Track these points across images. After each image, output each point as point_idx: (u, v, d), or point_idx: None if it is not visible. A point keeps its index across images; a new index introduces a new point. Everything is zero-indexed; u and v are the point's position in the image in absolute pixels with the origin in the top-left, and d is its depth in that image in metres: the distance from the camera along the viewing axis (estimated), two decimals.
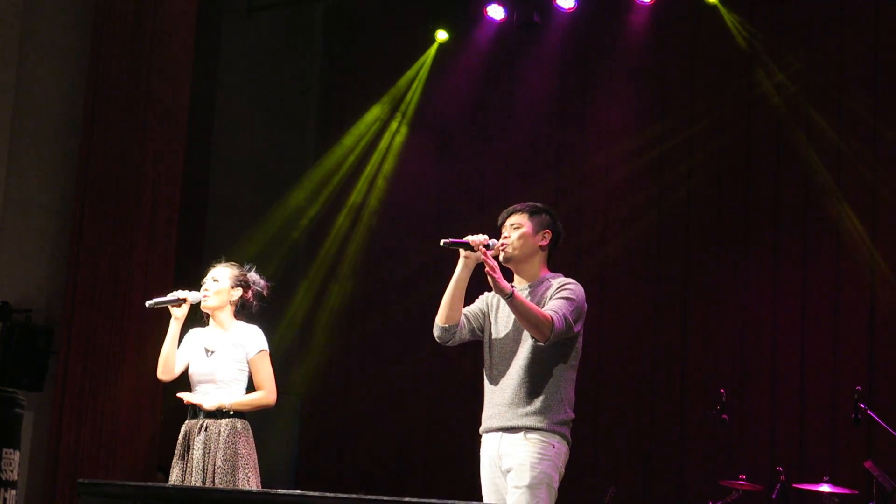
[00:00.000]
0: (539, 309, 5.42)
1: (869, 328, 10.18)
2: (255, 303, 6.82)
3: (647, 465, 10.10)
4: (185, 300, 6.65)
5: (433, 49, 12.69)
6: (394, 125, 12.85)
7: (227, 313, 6.72)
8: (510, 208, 5.80)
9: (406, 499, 3.69)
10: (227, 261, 6.85)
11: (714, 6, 11.13)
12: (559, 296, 5.55)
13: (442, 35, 12.56)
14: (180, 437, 6.63)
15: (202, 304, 6.69)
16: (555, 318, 5.40)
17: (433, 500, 3.68)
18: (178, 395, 6.68)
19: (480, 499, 5.64)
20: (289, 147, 13.37)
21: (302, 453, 12.91)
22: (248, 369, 6.66)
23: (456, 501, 3.78)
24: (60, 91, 10.56)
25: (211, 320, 6.75)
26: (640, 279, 11.28)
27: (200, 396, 6.61)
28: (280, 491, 3.81)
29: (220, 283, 6.70)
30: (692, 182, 11.23)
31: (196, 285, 6.80)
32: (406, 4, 12.98)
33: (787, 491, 8.86)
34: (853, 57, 10.65)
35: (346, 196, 12.90)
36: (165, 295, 6.71)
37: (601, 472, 10.66)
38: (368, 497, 3.72)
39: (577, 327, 5.54)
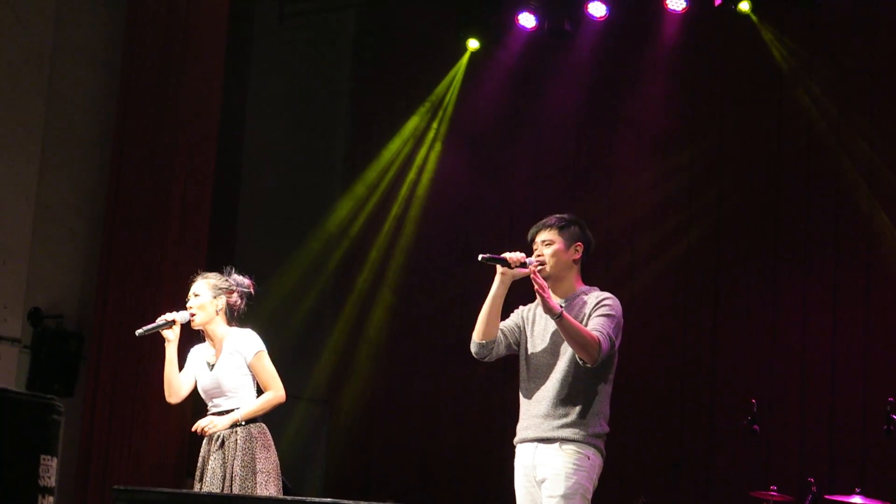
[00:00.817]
0: (587, 330, 5.46)
1: None
2: (243, 304, 6.84)
3: (676, 476, 10.07)
4: (174, 321, 6.68)
5: (465, 58, 12.68)
6: (430, 136, 12.84)
7: (217, 324, 6.74)
8: (539, 224, 5.83)
9: None
10: (204, 272, 6.88)
11: (747, 15, 11.08)
12: (599, 313, 5.58)
13: (473, 44, 12.53)
14: (201, 455, 6.64)
15: (192, 323, 6.72)
16: (601, 339, 5.45)
17: None
18: (193, 429, 6.70)
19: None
20: (319, 153, 13.39)
21: (331, 463, 12.91)
22: (251, 373, 6.68)
23: None
24: (92, 96, 10.60)
25: (206, 335, 6.78)
26: (671, 290, 11.24)
27: (215, 418, 6.61)
28: (311, 499, 3.80)
29: (202, 297, 6.72)
30: (723, 190, 11.20)
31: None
32: (436, 12, 12.97)
33: (819, 502, 8.80)
34: (886, 70, 10.59)
35: (386, 211, 12.87)
36: (154, 321, 6.76)
37: (631, 482, 10.63)
38: None
39: (618, 343, 5.58)
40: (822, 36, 10.95)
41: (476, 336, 5.75)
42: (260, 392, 6.73)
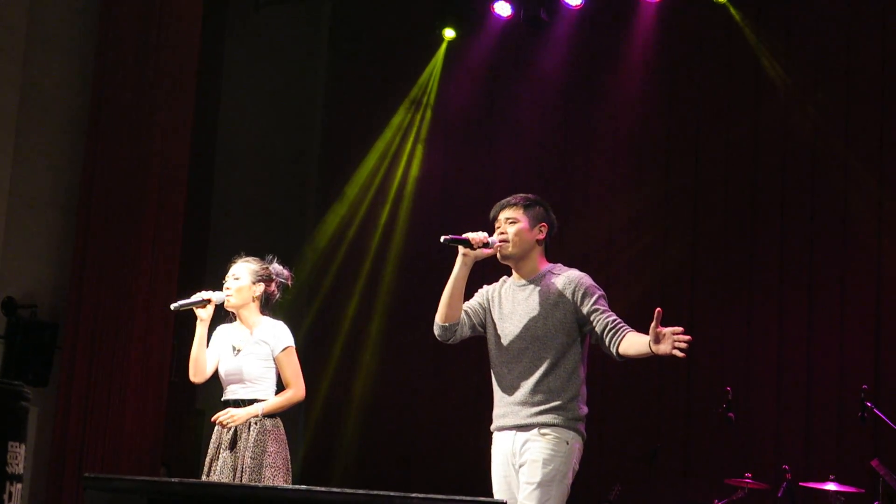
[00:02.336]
0: (637, 345, 5.41)
1: (875, 327, 10.17)
2: (279, 295, 6.81)
3: (652, 463, 10.09)
4: (209, 301, 6.61)
5: (443, 48, 12.67)
6: (413, 129, 12.82)
7: (251, 310, 6.69)
8: (502, 202, 5.75)
9: (413, 495, 3.67)
10: (246, 255, 6.82)
11: (723, 5, 11.10)
12: (593, 303, 5.54)
13: (450, 33, 12.53)
14: (213, 440, 6.61)
15: (226, 304, 6.66)
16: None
17: (440, 497, 3.67)
18: (213, 419, 6.65)
19: (490, 496, 5.63)
20: (294, 143, 13.37)
21: (308, 455, 12.91)
22: (274, 366, 6.64)
23: (463, 497, 3.76)
24: (66, 87, 10.55)
25: (237, 318, 6.73)
26: (647, 277, 11.25)
27: (234, 410, 6.58)
28: (286, 486, 3.79)
29: (241, 281, 6.66)
30: (699, 178, 11.22)
31: (201, 281, 6.80)
32: (413, 1, 12.96)
33: (793, 489, 8.84)
34: (863, 62, 10.62)
35: (379, 208, 12.86)
36: (190, 297, 6.68)
37: (607, 470, 10.65)
38: (375, 493, 3.70)
39: None
40: (798, 25, 10.98)
41: (439, 318, 5.67)
42: (279, 386, 6.70)
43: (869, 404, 8.70)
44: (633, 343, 5.42)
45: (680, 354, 5.26)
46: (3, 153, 10.08)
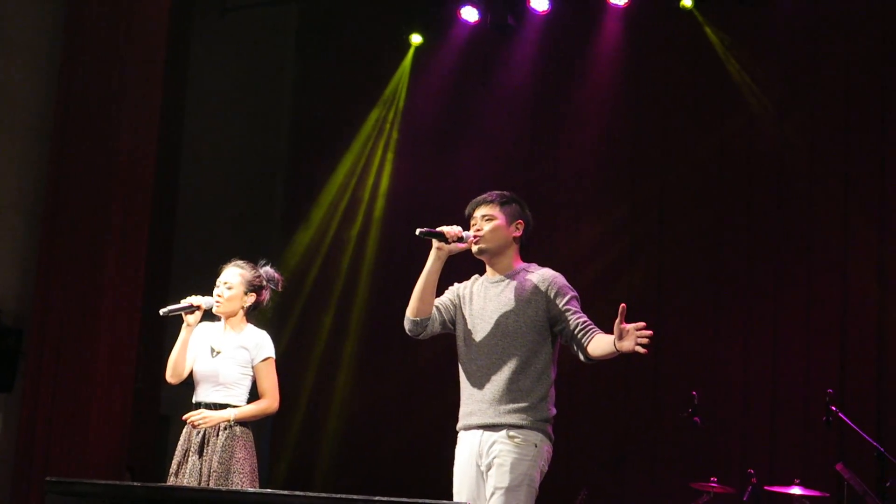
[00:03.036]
0: (604, 345, 5.41)
1: (841, 331, 10.21)
2: (268, 300, 6.79)
3: (619, 467, 10.11)
4: (199, 307, 6.58)
5: (410, 54, 12.67)
6: (383, 136, 12.82)
7: (238, 317, 6.67)
8: (479, 198, 5.71)
9: (377, 497, 3.67)
10: (236, 260, 6.77)
11: (689, 11, 11.15)
12: (566, 302, 5.53)
13: (416, 38, 12.53)
14: (180, 443, 6.58)
15: (214, 309, 6.63)
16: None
17: (404, 500, 3.67)
18: (184, 417, 6.62)
19: (451, 498, 5.59)
20: (262, 148, 13.34)
21: (273, 461, 12.88)
22: (251, 374, 6.62)
23: (427, 500, 3.76)
24: (32, 91, 10.48)
25: (222, 320, 6.70)
26: (613, 281, 11.27)
27: (207, 412, 6.56)
28: (248, 490, 3.78)
29: (234, 291, 6.62)
30: (666, 183, 11.25)
31: (166, 286, 6.78)
32: (379, 5, 12.95)
33: (759, 493, 8.87)
34: (828, 67, 10.67)
35: (351, 213, 12.86)
36: (178, 302, 6.63)
37: (574, 474, 10.64)
38: (338, 496, 3.70)
39: None
40: (764, 32, 11.03)
41: (410, 313, 5.61)
42: (252, 394, 6.67)
43: (834, 408, 8.73)
44: (600, 343, 5.43)
45: (642, 350, 5.25)
46: None
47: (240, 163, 12.99)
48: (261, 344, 6.61)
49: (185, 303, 6.57)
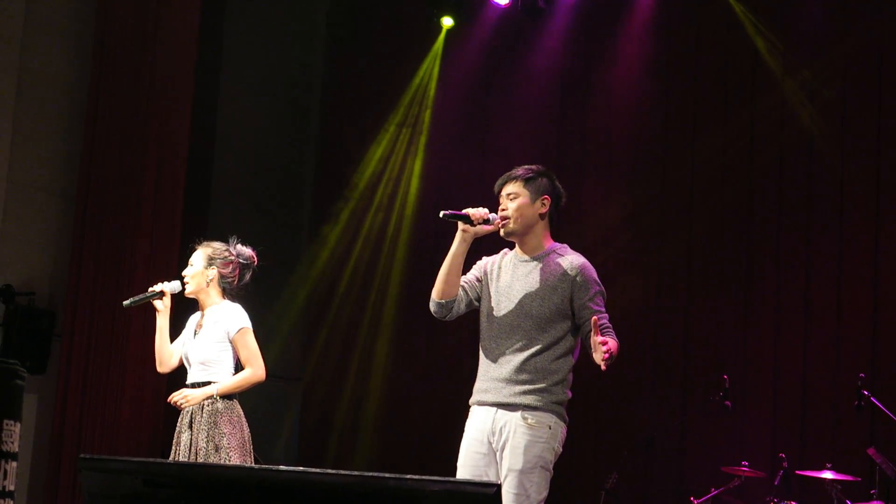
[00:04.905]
0: (614, 341, 5.36)
1: (873, 315, 10.15)
2: (238, 276, 6.84)
3: (648, 452, 10.10)
4: (163, 292, 6.71)
5: (441, 37, 12.66)
6: (412, 120, 12.81)
7: (209, 295, 6.77)
8: (505, 176, 5.68)
9: (408, 476, 3.67)
10: (204, 241, 6.90)
11: None
12: (590, 297, 5.50)
13: (448, 21, 12.52)
14: (176, 429, 6.68)
15: (185, 292, 6.74)
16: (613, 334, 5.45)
17: (435, 478, 3.67)
18: (168, 400, 6.73)
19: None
20: (292, 131, 13.36)
21: (303, 438, 12.95)
22: (230, 348, 6.68)
23: (458, 479, 3.77)
24: (64, 73, 10.55)
25: (199, 304, 6.81)
26: (643, 267, 11.25)
27: (188, 391, 6.64)
28: (281, 468, 3.80)
29: (195, 267, 6.79)
30: (696, 166, 11.21)
31: None
32: None
33: (790, 478, 8.84)
34: (858, 48, 10.60)
35: (384, 199, 12.88)
36: (144, 292, 6.80)
37: (603, 459, 10.65)
38: (369, 474, 3.70)
39: None
40: (797, 16, 10.96)
41: (435, 295, 5.60)
42: (239, 368, 6.73)
43: (865, 392, 8.71)
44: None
45: (603, 367, 5.23)
46: (1, 140, 10.08)
47: (271, 146, 13.01)
48: (233, 316, 6.69)
49: (149, 291, 6.77)
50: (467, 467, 5.53)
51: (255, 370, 6.67)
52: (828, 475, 8.57)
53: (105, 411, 9.90)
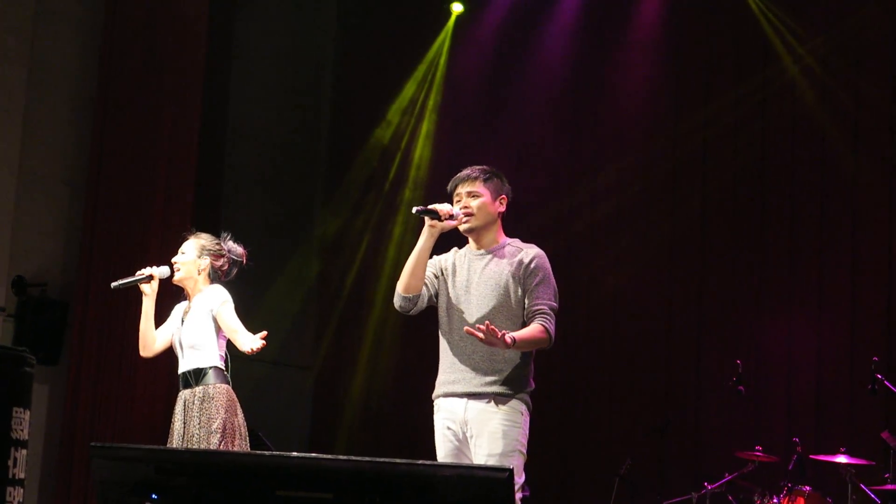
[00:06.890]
0: (533, 332, 5.45)
1: (887, 298, 10.12)
2: (226, 270, 6.88)
3: (662, 437, 10.08)
4: (151, 276, 6.74)
5: (451, 23, 12.65)
6: (420, 105, 12.80)
7: (197, 283, 6.81)
8: (460, 176, 5.87)
9: (420, 462, 3.67)
10: (197, 232, 6.94)
11: None
12: (536, 283, 5.60)
13: (457, 7, 12.51)
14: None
15: (175, 278, 6.78)
16: (547, 326, 5.51)
17: (445, 463, 3.67)
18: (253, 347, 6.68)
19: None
20: (304, 119, 13.34)
21: (315, 424, 12.97)
22: (214, 327, 6.69)
23: (469, 464, 3.77)
24: (74, 63, 10.55)
25: (185, 293, 6.86)
26: (656, 251, 11.23)
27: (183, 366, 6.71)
28: (293, 454, 3.80)
29: (187, 255, 6.84)
30: (709, 153, 11.18)
31: None
32: None
33: (804, 462, 8.83)
34: (870, 34, 10.55)
35: (393, 182, 12.87)
36: (133, 275, 6.83)
37: (617, 444, 10.65)
38: (381, 459, 3.71)
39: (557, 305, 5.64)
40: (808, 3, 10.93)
41: (401, 289, 5.69)
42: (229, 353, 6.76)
43: (879, 376, 8.68)
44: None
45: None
46: (12, 130, 10.09)
47: (283, 134, 13.00)
48: (215, 294, 6.72)
49: (137, 275, 6.82)
50: (449, 458, 5.62)
51: (242, 333, 6.60)
52: (842, 459, 8.54)
53: (118, 401, 9.91)
